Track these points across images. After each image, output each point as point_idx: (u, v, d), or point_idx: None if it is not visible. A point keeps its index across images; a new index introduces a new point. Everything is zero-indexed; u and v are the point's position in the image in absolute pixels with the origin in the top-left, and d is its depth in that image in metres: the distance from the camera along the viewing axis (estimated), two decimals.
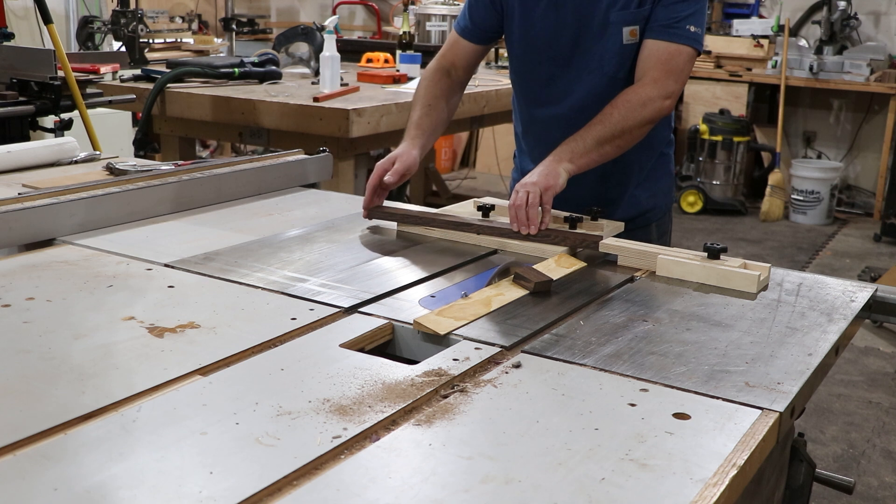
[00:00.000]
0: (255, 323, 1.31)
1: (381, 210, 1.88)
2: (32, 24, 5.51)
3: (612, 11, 1.89)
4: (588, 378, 1.17)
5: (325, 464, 0.93)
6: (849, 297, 1.54)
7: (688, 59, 1.88)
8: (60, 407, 1.02)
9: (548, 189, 1.73)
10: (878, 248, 5.97)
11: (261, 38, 6.44)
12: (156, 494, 0.85)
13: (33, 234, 1.67)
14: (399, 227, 1.85)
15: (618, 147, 1.84)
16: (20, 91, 2.93)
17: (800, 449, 1.52)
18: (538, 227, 1.71)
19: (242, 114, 3.39)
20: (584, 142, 1.81)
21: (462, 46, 2.10)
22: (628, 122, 1.82)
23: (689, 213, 6.66)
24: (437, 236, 1.80)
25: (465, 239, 1.78)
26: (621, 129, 1.82)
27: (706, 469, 0.94)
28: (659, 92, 1.84)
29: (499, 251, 1.74)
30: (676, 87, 1.87)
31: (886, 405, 3.59)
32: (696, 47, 1.87)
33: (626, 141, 1.85)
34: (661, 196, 2.15)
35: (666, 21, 1.85)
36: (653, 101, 1.84)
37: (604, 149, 1.82)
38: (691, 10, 1.85)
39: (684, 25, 1.85)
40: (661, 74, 1.85)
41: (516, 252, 1.73)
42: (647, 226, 2.12)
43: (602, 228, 1.79)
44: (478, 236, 1.77)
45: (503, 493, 0.88)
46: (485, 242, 1.76)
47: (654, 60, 1.86)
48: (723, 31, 7.33)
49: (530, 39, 2.01)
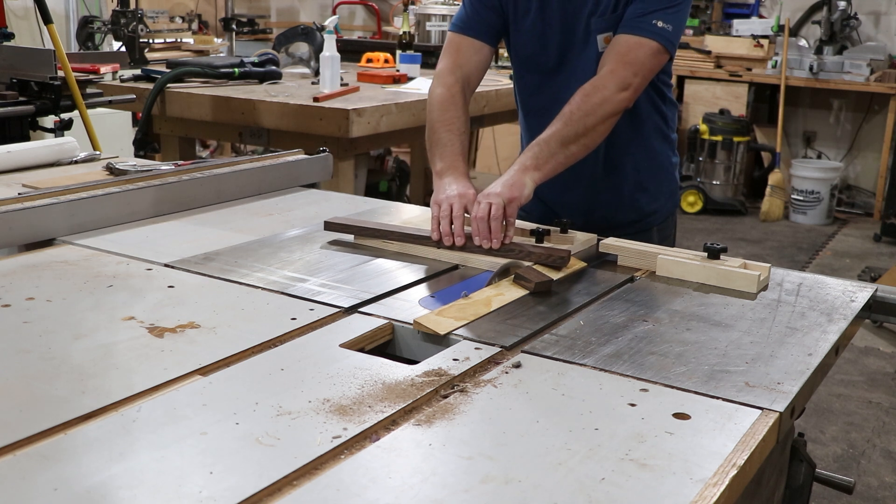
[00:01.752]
0: (255, 323, 1.31)
1: (339, 223, 1.77)
2: (32, 24, 5.51)
3: (593, 19, 1.87)
4: (588, 378, 1.17)
5: (325, 464, 0.93)
6: (849, 297, 1.54)
7: (650, 53, 1.80)
8: (60, 407, 1.02)
9: (512, 201, 1.65)
10: (878, 248, 5.97)
11: (261, 38, 6.44)
12: (156, 494, 0.85)
13: (33, 234, 1.67)
14: (356, 239, 1.74)
15: (584, 146, 1.77)
16: (20, 91, 2.93)
17: (800, 449, 1.52)
18: (500, 240, 1.62)
19: (242, 114, 3.39)
20: (549, 145, 1.73)
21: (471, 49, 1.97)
22: (589, 117, 1.75)
23: (689, 213, 6.66)
24: (395, 250, 1.69)
25: (425, 253, 1.67)
26: (584, 126, 1.75)
27: (706, 469, 0.94)
28: (615, 83, 1.77)
29: (460, 266, 1.64)
30: (635, 80, 1.79)
31: (886, 405, 3.59)
32: (660, 42, 1.80)
33: (592, 139, 1.77)
34: (664, 200, 2.13)
35: (633, 16, 1.81)
36: (610, 93, 1.76)
37: (569, 150, 1.75)
38: (662, 6, 1.80)
39: (650, 20, 1.79)
40: (618, 65, 1.79)
41: (478, 268, 1.63)
42: (647, 230, 2.10)
43: (572, 241, 1.71)
44: (437, 250, 1.66)
45: (503, 493, 0.88)
46: (445, 257, 1.66)
47: (613, 52, 1.81)
48: (723, 31, 7.33)
49: (519, 49, 1.99)
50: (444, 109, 1.89)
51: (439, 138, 1.85)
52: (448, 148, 1.83)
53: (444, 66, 1.97)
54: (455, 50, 1.98)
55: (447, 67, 1.97)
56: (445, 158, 1.81)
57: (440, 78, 1.96)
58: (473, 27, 1.97)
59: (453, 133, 1.85)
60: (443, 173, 1.78)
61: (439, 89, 1.93)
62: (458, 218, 1.66)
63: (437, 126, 1.87)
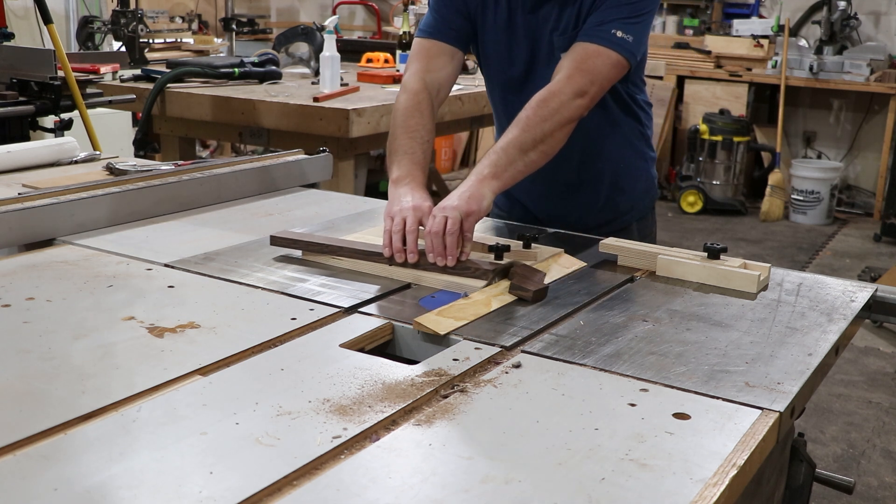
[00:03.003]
0: (255, 323, 1.31)
1: (285, 237, 1.66)
2: (32, 24, 5.51)
3: (555, 36, 1.85)
4: (588, 378, 1.17)
5: (325, 464, 0.93)
6: (849, 297, 1.54)
7: (608, 63, 1.75)
8: (60, 407, 1.02)
9: (469, 214, 1.54)
10: (878, 248, 5.97)
11: (261, 38, 6.44)
12: (156, 494, 0.85)
13: (33, 234, 1.67)
14: (304, 255, 1.62)
15: (542, 153, 1.70)
16: (20, 91, 2.93)
17: (800, 449, 1.52)
18: (456, 257, 1.52)
19: (242, 114, 3.39)
20: (507, 153, 1.66)
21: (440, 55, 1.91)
22: (546, 124, 1.68)
23: (689, 213, 6.66)
24: (345, 267, 1.58)
25: (376, 270, 1.56)
26: (541, 132, 1.68)
27: (706, 469, 0.94)
28: (571, 89, 1.71)
29: (412, 285, 1.52)
30: (591, 88, 1.73)
31: (886, 405, 3.59)
32: (619, 52, 1.74)
33: (550, 146, 1.70)
34: (640, 197, 2.10)
35: (591, 25, 1.77)
36: (566, 99, 1.70)
37: (528, 157, 1.67)
38: (621, 15, 1.75)
39: (608, 29, 1.75)
40: (573, 72, 1.73)
41: (431, 287, 1.51)
42: (626, 227, 2.07)
43: (535, 257, 1.62)
44: (389, 267, 1.55)
45: (503, 493, 0.88)
46: (396, 275, 1.54)
47: (570, 58, 1.76)
48: (723, 31, 7.33)
49: (486, 58, 1.97)
50: (407, 116, 1.81)
51: (399, 145, 1.77)
52: (407, 156, 1.74)
53: (412, 73, 1.90)
54: (424, 56, 1.92)
55: (415, 73, 1.90)
56: (403, 166, 1.72)
57: (406, 85, 1.88)
58: (442, 31, 1.91)
59: (415, 141, 1.77)
60: (399, 182, 1.69)
61: (404, 96, 1.86)
62: (410, 232, 1.56)
63: (399, 132, 1.79)
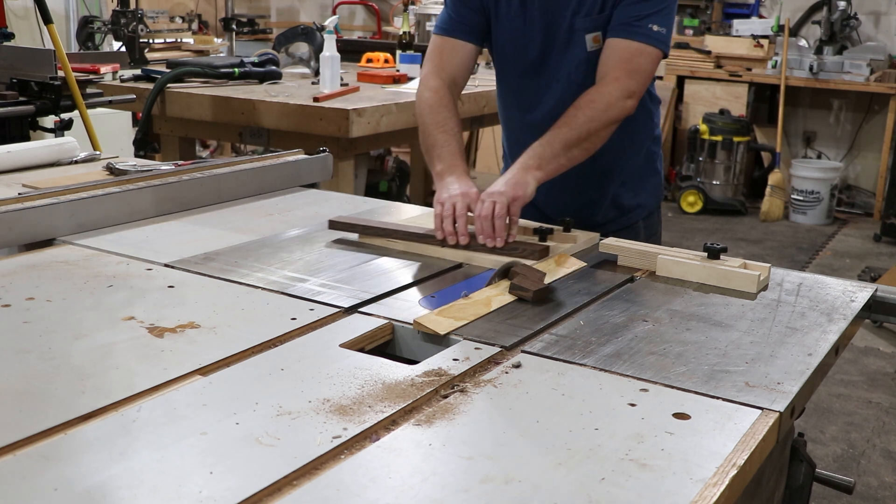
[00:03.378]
0: (255, 323, 1.31)
1: (343, 221, 1.78)
2: (32, 24, 5.51)
3: (577, 19, 1.87)
4: (588, 378, 1.17)
5: (325, 464, 0.93)
6: (849, 297, 1.54)
7: (650, 59, 1.83)
8: (60, 407, 1.02)
9: (515, 199, 1.66)
10: (878, 248, 5.97)
11: (261, 38, 6.45)
12: (156, 494, 0.85)
13: (33, 234, 1.67)
14: (361, 238, 1.75)
15: (585, 150, 1.80)
16: (20, 91, 2.93)
17: (800, 449, 1.52)
18: (504, 239, 1.64)
19: (242, 114, 3.39)
20: (552, 147, 1.76)
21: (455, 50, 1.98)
22: (593, 123, 1.78)
23: (689, 213, 6.66)
24: (400, 248, 1.70)
25: (429, 252, 1.68)
26: (587, 131, 1.77)
27: (706, 469, 0.94)
28: (620, 92, 1.80)
29: (464, 264, 1.65)
30: (638, 88, 1.82)
31: (886, 405, 3.59)
32: (659, 47, 1.83)
33: (593, 143, 1.80)
34: (647, 195, 2.12)
35: (627, 19, 1.82)
36: (615, 101, 1.79)
37: (571, 153, 1.77)
38: (654, 9, 1.81)
39: (646, 24, 1.80)
40: (623, 73, 1.81)
41: (482, 266, 1.63)
42: (632, 225, 2.09)
43: (575, 240, 1.74)
44: (441, 249, 1.67)
45: (503, 493, 0.88)
46: (449, 255, 1.67)
47: (616, 59, 1.82)
48: (723, 31, 7.33)
49: (500, 47, 1.99)
50: (434, 112, 1.90)
51: (435, 140, 1.87)
52: (445, 149, 1.84)
53: (429, 70, 1.98)
54: (439, 53, 1.99)
55: (432, 70, 1.98)
56: (444, 159, 1.82)
57: (426, 82, 1.97)
58: (457, 28, 1.98)
59: (448, 134, 1.87)
60: (443, 174, 1.79)
61: (427, 93, 1.94)
62: (460, 217, 1.67)
63: (431, 129, 1.89)
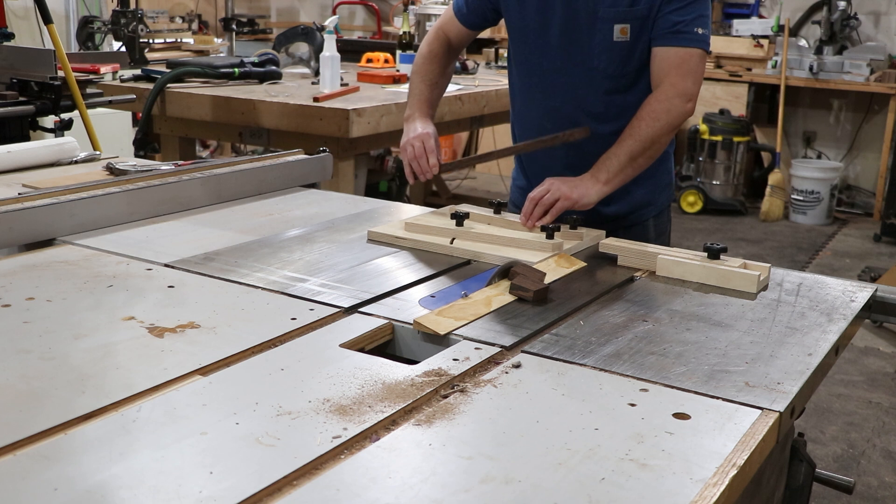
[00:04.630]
0: (255, 323, 1.31)
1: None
2: (32, 24, 5.51)
3: (602, 7, 1.90)
4: (588, 378, 1.17)
5: (325, 464, 0.93)
6: (849, 297, 1.54)
7: (699, 61, 1.91)
8: (60, 407, 1.02)
9: (567, 199, 1.80)
10: (878, 248, 5.97)
11: (261, 38, 6.45)
12: (156, 494, 0.85)
13: (33, 234, 1.67)
14: (370, 234, 1.78)
15: (649, 158, 1.89)
16: (20, 91, 2.93)
17: (800, 449, 1.52)
18: (537, 224, 1.78)
19: (242, 114, 3.39)
20: (618, 159, 1.86)
21: (456, 25, 2.15)
22: (656, 131, 1.86)
23: (689, 213, 6.66)
24: (408, 246, 1.73)
25: (435, 249, 1.71)
26: (651, 139, 1.86)
27: (706, 469, 0.94)
28: (680, 96, 1.88)
29: (472, 261, 1.67)
30: (695, 89, 1.91)
31: (886, 405, 3.59)
32: (705, 49, 1.91)
33: (656, 150, 1.90)
34: (659, 192, 2.14)
35: (673, 27, 1.88)
36: (675, 106, 1.88)
37: (637, 162, 1.88)
38: (696, 13, 1.88)
39: (692, 29, 1.88)
40: (679, 79, 1.88)
41: (490, 263, 1.65)
42: (643, 222, 2.11)
43: (581, 237, 1.78)
44: (451, 245, 1.71)
45: (503, 493, 0.88)
46: (458, 252, 1.70)
47: (668, 66, 1.89)
48: (723, 31, 7.32)
49: (521, 27, 2.03)
50: (422, 63, 2.14)
51: (412, 87, 2.12)
52: (415, 97, 2.09)
53: (432, 30, 2.20)
54: (446, 20, 2.18)
55: (434, 29, 2.19)
56: (412, 105, 2.08)
57: (426, 40, 2.20)
58: (462, 13, 2.14)
59: (425, 83, 2.11)
60: (408, 119, 2.05)
61: (423, 47, 2.17)
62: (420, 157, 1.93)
63: (414, 77, 2.14)
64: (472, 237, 1.73)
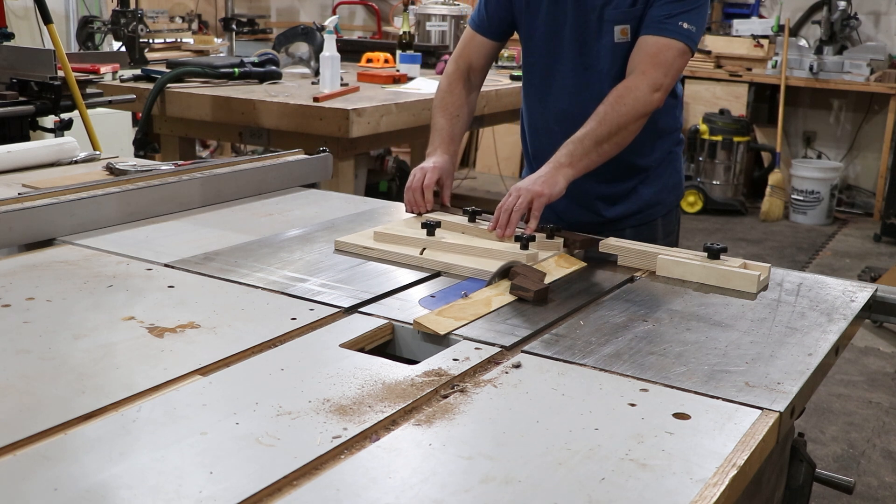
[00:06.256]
0: (255, 323, 1.31)
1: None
2: (32, 24, 5.51)
3: (607, 9, 1.91)
4: (588, 378, 1.17)
5: (325, 464, 0.93)
6: (849, 297, 1.54)
7: (678, 54, 1.87)
8: (60, 407, 1.02)
9: (540, 195, 1.72)
10: (878, 248, 5.97)
11: (261, 38, 6.45)
12: (156, 494, 0.85)
13: (33, 234, 1.67)
14: (336, 244, 1.70)
15: (616, 144, 1.84)
16: (20, 91, 2.93)
17: (800, 449, 1.52)
18: (513, 232, 1.69)
19: (242, 114, 3.39)
20: (583, 144, 1.80)
21: (477, 43, 2.11)
22: (622, 118, 1.82)
23: (689, 213, 6.65)
24: (376, 257, 1.65)
25: (404, 260, 1.63)
26: (617, 125, 1.81)
27: (706, 469, 0.94)
28: (647, 85, 1.84)
29: (442, 273, 1.59)
30: (665, 81, 1.86)
31: (886, 405, 3.59)
32: (686, 43, 1.87)
33: (624, 137, 1.84)
34: (667, 192, 2.14)
35: (658, 18, 1.86)
36: (643, 94, 1.83)
37: (602, 148, 1.82)
38: (686, 7, 1.86)
39: (676, 21, 1.85)
40: (649, 67, 1.85)
41: (460, 276, 1.58)
42: (651, 222, 2.11)
43: (559, 247, 1.71)
44: (420, 256, 1.63)
45: (503, 493, 0.88)
46: (428, 264, 1.61)
47: (643, 54, 1.87)
48: (723, 31, 7.32)
49: (532, 32, 2.03)
50: (440, 98, 2.10)
51: (434, 123, 2.07)
52: (437, 133, 2.05)
53: (451, 59, 2.17)
54: (464, 43, 2.15)
55: (452, 58, 2.16)
56: (433, 143, 2.04)
57: (446, 69, 2.16)
58: (483, 26, 2.11)
59: (445, 117, 2.06)
60: (428, 156, 2.01)
61: (443, 80, 2.12)
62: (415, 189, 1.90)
63: (435, 112, 2.09)
64: (443, 247, 1.66)
